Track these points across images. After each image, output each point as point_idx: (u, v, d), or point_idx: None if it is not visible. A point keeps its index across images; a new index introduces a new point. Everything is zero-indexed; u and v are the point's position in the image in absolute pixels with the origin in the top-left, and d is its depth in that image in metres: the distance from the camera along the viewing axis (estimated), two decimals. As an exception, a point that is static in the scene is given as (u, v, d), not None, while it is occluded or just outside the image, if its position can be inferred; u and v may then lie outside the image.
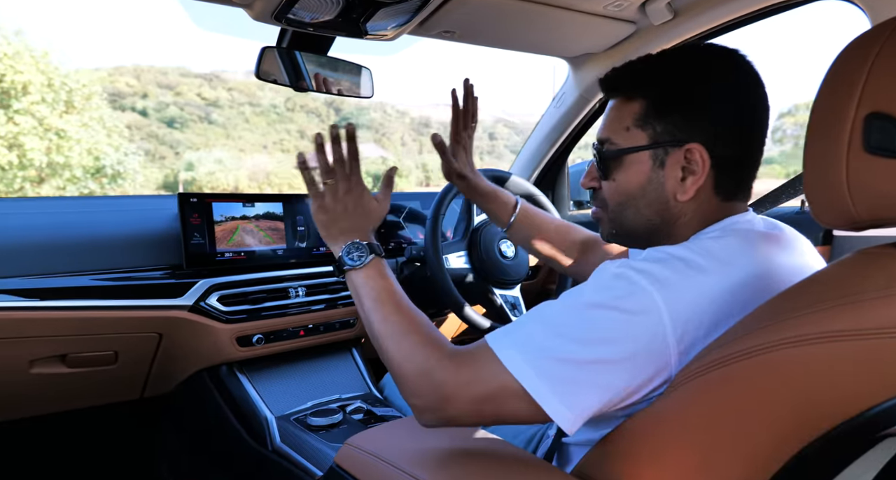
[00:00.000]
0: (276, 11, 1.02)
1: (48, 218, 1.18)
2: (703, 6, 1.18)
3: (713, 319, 0.58)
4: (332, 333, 1.36)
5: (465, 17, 1.15)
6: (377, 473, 0.66)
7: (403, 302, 0.74)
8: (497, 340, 0.62)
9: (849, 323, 0.46)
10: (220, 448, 1.27)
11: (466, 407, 0.61)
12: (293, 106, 43.47)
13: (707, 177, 0.68)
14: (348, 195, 0.83)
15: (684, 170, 0.68)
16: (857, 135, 0.49)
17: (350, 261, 0.77)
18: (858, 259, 0.52)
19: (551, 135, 1.73)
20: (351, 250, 0.78)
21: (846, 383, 0.47)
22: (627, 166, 0.71)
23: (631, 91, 0.70)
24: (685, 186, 0.68)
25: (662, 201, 0.70)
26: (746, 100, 0.67)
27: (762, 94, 0.68)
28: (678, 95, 0.68)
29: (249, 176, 31.70)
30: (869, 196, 0.50)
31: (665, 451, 0.56)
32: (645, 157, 0.70)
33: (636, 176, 0.71)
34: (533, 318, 0.63)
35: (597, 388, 0.57)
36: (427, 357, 0.64)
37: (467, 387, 0.61)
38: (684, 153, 0.67)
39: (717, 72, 0.67)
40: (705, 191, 0.69)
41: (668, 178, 0.69)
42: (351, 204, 0.83)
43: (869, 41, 0.50)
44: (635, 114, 0.70)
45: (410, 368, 0.65)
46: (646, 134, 0.69)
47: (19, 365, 1.09)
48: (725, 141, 0.67)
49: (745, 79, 0.67)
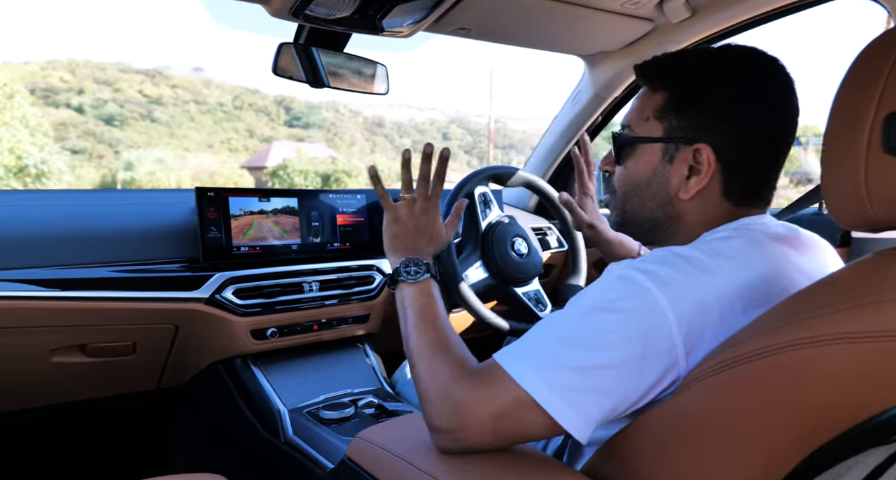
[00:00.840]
0: (294, 7, 1.03)
1: (69, 210, 1.21)
2: (721, 4, 1.17)
3: (720, 319, 0.57)
4: (346, 328, 1.37)
5: (481, 15, 1.15)
6: (387, 466, 0.66)
7: (442, 323, 0.75)
8: (505, 355, 0.62)
9: (867, 324, 0.46)
10: (234, 439, 1.29)
11: (484, 427, 0.60)
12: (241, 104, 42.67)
13: (712, 179, 0.67)
14: (424, 215, 0.86)
15: (691, 169, 0.68)
16: (876, 135, 0.49)
17: (406, 275, 0.80)
18: (877, 260, 0.52)
19: (566, 134, 1.72)
20: (409, 265, 0.81)
21: (861, 386, 0.46)
22: (639, 155, 0.72)
23: (657, 82, 0.71)
24: (688, 185, 0.68)
25: (665, 196, 0.71)
26: (766, 104, 0.66)
27: (787, 100, 0.67)
28: (696, 93, 0.68)
29: (193, 176, 30.96)
30: (887, 197, 0.49)
31: (674, 451, 0.56)
32: (656, 150, 0.70)
33: (645, 166, 0.71)
34: (539, 329, 0.63)
35: (607, 393, 0.57)
36: (450, 375, 0.65)
37: (483, 405, 0.60)
38: (693, 152, 0.67)
39: (738, 73, 0.67)
40: (711, 193, 0.69)
41: (673, 174, 0.69)
42: (423, 223, 0.86)
43: (890, 40, 0.49)
44: (656, 106, 0.70)
45: (434, 387, 0.65)
46: (662, 127, 0.69)
47: (40, 353, 1.11)
48: (736, 145, 0.66)
49: (770, 83, 0.66)
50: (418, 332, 0.73)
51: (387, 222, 0.88)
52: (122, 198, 1.38)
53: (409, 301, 0.78)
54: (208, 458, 1.43)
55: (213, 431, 1.39)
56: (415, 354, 0.72)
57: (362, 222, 1.43)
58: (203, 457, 1.45)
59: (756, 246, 0.63)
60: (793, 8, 1.12)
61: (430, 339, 0.71)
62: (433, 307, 0.77)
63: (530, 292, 1.37)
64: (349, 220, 1.41)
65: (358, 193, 1.45)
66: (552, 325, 0.62)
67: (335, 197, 1.40)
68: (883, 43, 0.50)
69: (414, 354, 0.72)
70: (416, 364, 0.70)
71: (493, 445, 0.62)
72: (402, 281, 0.80)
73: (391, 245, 0.87)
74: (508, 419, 0.59)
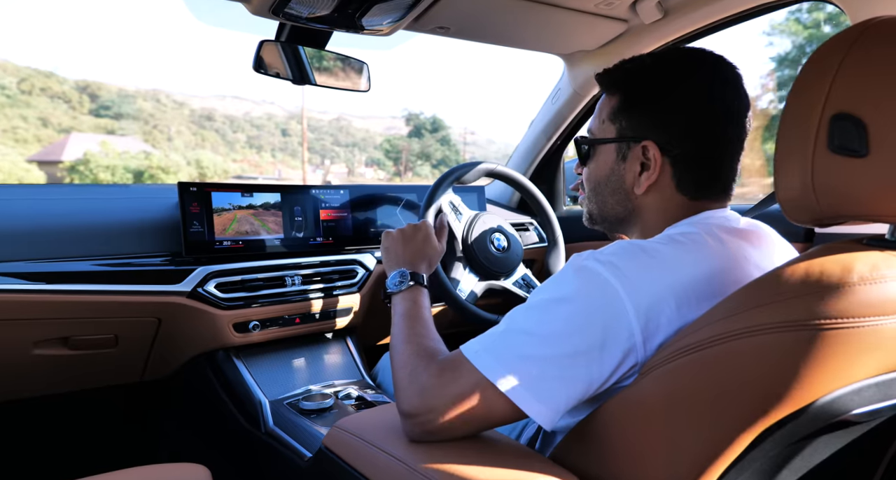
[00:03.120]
0: (274, 6, 1.05)
1: (52, 204, 1.21)
2: (692, 6, 1.20)
3: (676, 309, 0.60)
4: (328, 321, 1.39)
5: (459, 14, 1.17)
6: (363, 454, 0.68)
7: (421, 321, 0.83)
8: (469, 346, 0.65)
9: (803, 313, 0.49)
10: (216, 430, 1.31)
11: (447, 410, 0.62)
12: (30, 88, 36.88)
13: (662, 174, 0.71)
14: (416, 233, 1.06)
15: (642, 165, 0.72)
16: (822, 134, 0.52)
17: (392, 286, 0.93)
18: (819, 253, 0.55)
19: (547, 131, 1.75)
20: (397, 276, 0.94)
21: (800, 372, 0.49)
22: (597, 156, 0.77)
23: (611, 87, 0.75)
24: (640, 181, 0.72)
25: (622, 193, 0.75)
26: (709, 102, 0.69)
27: (732, 97, 0.70)
28: (643, 94, 0.72)
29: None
30: (832, 193, 0.52)
31: (633, 435, 0.58)
32: (611, 150, 0.75)
33: (603, 166, 0.77)
34: (503, 322, 0.65)
35: (569, 381, 0.59)
36: (418, 363, 0.69)
37: (445, 388, 0.63)
38: (641, 149, 0.71)
39: (683, 74, 0.70)
40: (665, 187, 0.72)
41: (627, 171, 0.74)
42: (414, 241, 1.05)
43: (840, 43, 0.52)
44: (611, 109, 0.75)
45: (403, 374, 0.69)
46: (615, 128, 0.74)
47: (23, 345, 1.12)
48: (680, 140, 0.70)
49: (714, 82, 0.69)
50: (397, 329, 0.81)
51: (383, 239, 1.08)
52: (105, 193, 1.38)
53: (396, 306, 0.88)
54: (191, 449, 1.45)
55: (196, 423, 1.40)
56: (393, 348, 0.77)
57: (345, 217, 1.45)
58: (185, 448, 1.47)
59: (714, 240, 0.66)
60: (761, 10, 1.15)
61: (405, 334, 0.78)
62: (414, 310, 0.86)
63: (519, 279, 1.40)
64: (332, 215, 1.43)
65: (341, 189, 1.46)
66: (514, 317, 0.64)
67: (318, 192, 1.41)
68: (831, 46, 0.53)
69: (392, 348, 0.78)
70: (393, 357, 0.75)
71: (461, 430, 0.64)
72: (391, 291, 0.92)
73: (386, 259, 1.04)
74: (471, 404, 0.62)
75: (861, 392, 0.50)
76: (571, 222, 1.70)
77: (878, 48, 0.49)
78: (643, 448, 0.58)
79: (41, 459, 1.49)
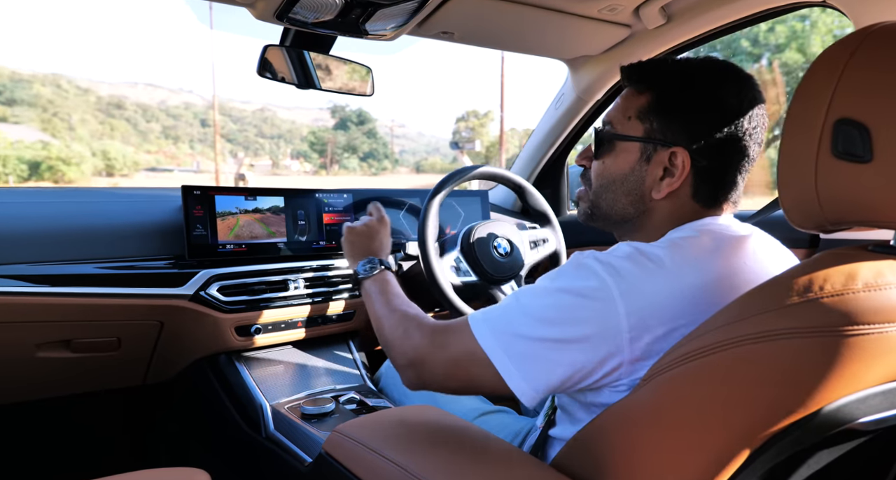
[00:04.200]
0: (278, 11, 1.05)
1: (56, 207, 1.22)
2: (695, 11, 1.20)
3: (672, 314, 0.61)
4: (330, 325, 1.39)
5: (463, 19, 1.17)
6: (362, 459, 0.68)
7: (400, 296, 0.92)
8: (475, 315, 0.70)
9: (807, 320, 0.48)
10: (217, 434, 1.31)
11: (439, 368, 0.71)
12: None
13: (685, 182, 0.71)
14: (381, 228, 1.15)
15: (665, 170, 0.71)
16: (826, 139, 0.51)
17: (363, 272, 1.00)
18: (823, 259, 0.54)
19: (550, 136, 1.75)
20: (365, 264, 1.02)
21: (804, 379, 0.48)
22: (618, 152, 0.75)
23: (644, 84, 0.74)
24: (661, 186, 0.72)
25: (638, 194, 0.74)
26: (743, 122, 0.70)
27: (757, 115, 0.71)
28: (678, 99, 0.71)
29: None
30: (836, 199, 0.52)
31: (636, 442, 0.58)
32: (635, 148, 0.74)
33: (622, 163, 0.75)
34: (509, 298, 0.70)
35: (553, 364, 0.63)
36: (408, 325, 0.79)
37: (440, 349, 0.72)
38: (669, 154, 0.70)
39: (725, 90, 0.70)
40: (682, 194, 0.72)
41: (648, 174, 0.73)
42: (379, 235, 1.13)
43: (843, 49, 0.52)
44: (640, 107, 0.73)
45: (397, 335, 0.79)
46: (643, 127, 0.73)
47: (26, 348, 1.13)
48: (711, 153, 0.70)
49: (749, 103, 0.70)
50: (378, 305, 0.90)
51: (346, 233, 1.14)
52: (108, 196, 1.39)
53: (370, 287, 0.96)
54: (191, 453, 1.45)
55: (197, 426, 1.40)
56: (380, 322, 0.86)
57: (349, 221, 1.44)
58: (186, 452, 1.47)
59: (715, 246, 0.66)
60: (764, 16, 1.15)
61: (390, 307, 0.87)
62: (389, 288, 0.94)
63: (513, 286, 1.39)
64: (335, 219, 1.43)
65: (344, 193, 1.47)
66: (520, 297, 0.68)
67: (321, 196, 1.42)
68: (834, 51, 0.53)
69: (379, 323, 0.86)
70: (380, 328, 0.85)
71: (451, 385, 0.72)
72: (362, 277, 1.00)
73: (350, 251, 1.11)
74: (461, 367, 0.69)
75: (867, 400, 0.49)
76: (574, 226, 1.70)
77: (880, 53, 0.49)
78: (645, 455, 0.57)
79: (43, 462, 1.49)
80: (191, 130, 53.79)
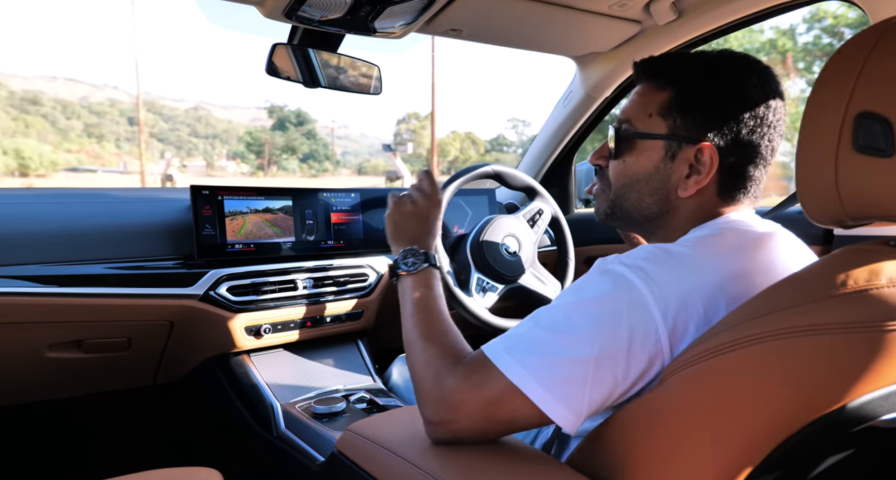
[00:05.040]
0: (287, 9, 1.05)
1: (66, 208, 1.22)
2: (707, 6, 1.19)
3: (704, 313, 0.59)
4: (339, 325, 1.38)
5: (471, 16, 1.17)
6: (376, 459, 0.67)
7: (438, 313, 0.77)
8: (492, 347, 0.63)
9: (829, 317, 0.48)
10: (228, 434, 1.31)
11: (474, 415, 0.62)
12: None
13: (711, 178, 0.69)
14: (431, 209, 0.92)
15: (691, 167, 0.69)
16: (846, 134, 0.51)
17: (404, 267, 0.84)
18: (844, 255, 0.54)
19: (558, 134, 1.74)
20: (408, 256, 0.85)
21: (826, 376, 0.48)
22: (640, 151, 0.73)
23: (663, 80, 0.72)
24: (688, 183, 0.70)
25: (663, 192, 0.72)
26: (768, 115, 0.69)
27: (779, 107, 0.70)
28: (706, 95, 0.69)
29: None
30: (857, 194, 0.51)
31: (653, 441, 0.57)
32: (659, 146, 0.71)
33: (646, 162, 0.72)
34: (527, 322, 0.64)
35: (594, 384, 0.58)
36: (441, 363, 0.66)
37: (473, 393, 0.61)
38: (696, 151, 0.69)
39: (749, 82, 0.68)
40: (708, 191, 0.71)
41: (674, 172, 0.71)
42: (424, 214, 0.91)
43: (863, 41, 0.51)
44: (661, 103, 0.71)
45: (427, 375, 0.67)
46: (666, 124, 0.71)
47: (36, 348, 1.13)
48: (738, 148, 0.68)
49: (772, 95, 0.69)
50: (413, 321, 0.76)
51: (390, 211, 0.93)
52: (118, 196, 1.39)
53: (408, 292, 0.80)
54: (202, 452, 1.45)
55: (207, 426, 1.41)
56: (411, 344, 0.73)
57: (356, 220, 1.45)
58: (197, 451, 1.47)
59: (739, 243, 0.65)
60: (777, 10, 1.14)
61: (424, 329, 0.73)
62: (429, 298, 0.79)
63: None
64: (343, 218, 1.43)
65: (352, 192, 1.47)
66: (539, 319, 0.63)
67: (329, 195, 1.42)
68: (855, 44, 0.52)
69: (410, 344, 0.74)
70: (412, 353, 0.72)
71: (485, 432, 0.64)
72: (402, 272, 0.83)
73: (393, 233, 0.91)
74: (498, 407, 0.61)
75: (889, 397, 0.48)
76: (582, 225, 1.69)
77: None
78: (664, 453, 0.57)
79: (53, 462, 1.50)
80: (117, 129, 49.83)
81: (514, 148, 45.39)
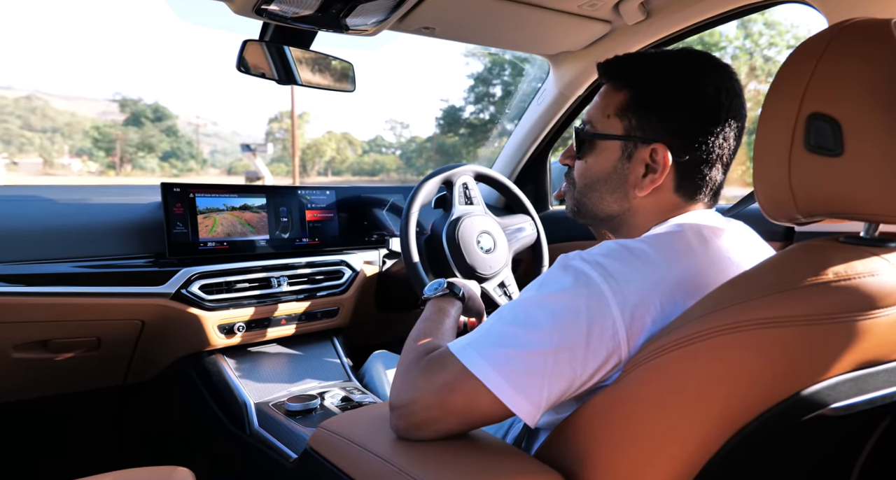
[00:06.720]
0: (257, 5, 1.04)
1: (30, 204, 1.20)
2: (675, 7, 1.21)
3: (661, 308, 0.60)
4: (314, 322, 1.38)
5: (443, 15, 1.17)
6: (348, 455, 0.68)
7: (440, 327, 0.83)
8: (456, 342, 0.65)
9: (781, 310, 0.50)
10: (201, 433, 1.30)
11: (431, 400, 0.63)
12: None
13: (667, 177, 0.71)
14: None
15: (647, 167, 0.71)
16: (799, 133, 0.52)
17: (429, 291, 0.95)
18: (796, 251, 0.56)
19: (533, 132, 1.75)
20: (435, 284, 0.96)
21: (779, 366, 0.50)
22: (599, 151, 0.75)
23: (619, 81, 0.73)
24: (644, 183, 0.71)
25: (622, 192, 0.74)
26: (719, 110, 0.69)
27: (737, 105, 0.70)
28: (656, 94, 0.71)
29: None
30: (809, 192, 0.53)
31: (617, 432, 0.59)
32: (615, 147, 0.73)
33: (604, 162, 0.74)
34: (491, 318, 0.66)
35: (552, 376, 0.59)
36: (412, 359, 0.69)
37: (430, 383, 0.63)
38: (650, 151, 0.70)
39: (695, 79, 0.69)
40: (665, 190, 0.72)
41: (631, 172, 0.72)
42: None
43: (816, 44, 0.53)
44: (618, 104, 0.73)
45: (400, 370, 0.70)
46: (622, 125, 0.72)
47: (1, 349, 1.11)
48: (690, 147, 0.69)
49: (722, 89, 0.69)
50: (414, 332, 0.80)
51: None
52: (86, 193, 1.36)
53: (424, 311, 0.89)
54: (175, 451, 1.43)
55: (180, 425, 1.39)
56: (403, 350, 0.76)
57: (331, 217, 1.44)
58: (170, 450, 1.46)
59: (698, 240, 0.67)
60: (742, 12, 1.17)
61: (418, 336, 0.78)
62: (437, 316, 0.86)
63: (498, 286, 1.40)
64: (318, 216, 1.42)
65: (327, 189, 1.46)
66: (502, 314, 0.65)
67: (304, 192, 1.41)
68: (808, 47, 0.54)
69: (403, 350, 0.77)
70: (401, 358, 0.75)
71: (445, 424, 0.64)
72: (426, 296, 0.95)
73: None
74: (453, 392, 0.62)
75: (837, 386, 0.51)
76: (557, 222, 1.71)
77: (851, 49, 0.50)
78: (627, 444, 0.58)
79: (22, 464, 1.47)
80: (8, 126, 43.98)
81: (393, 149, 43.92)
